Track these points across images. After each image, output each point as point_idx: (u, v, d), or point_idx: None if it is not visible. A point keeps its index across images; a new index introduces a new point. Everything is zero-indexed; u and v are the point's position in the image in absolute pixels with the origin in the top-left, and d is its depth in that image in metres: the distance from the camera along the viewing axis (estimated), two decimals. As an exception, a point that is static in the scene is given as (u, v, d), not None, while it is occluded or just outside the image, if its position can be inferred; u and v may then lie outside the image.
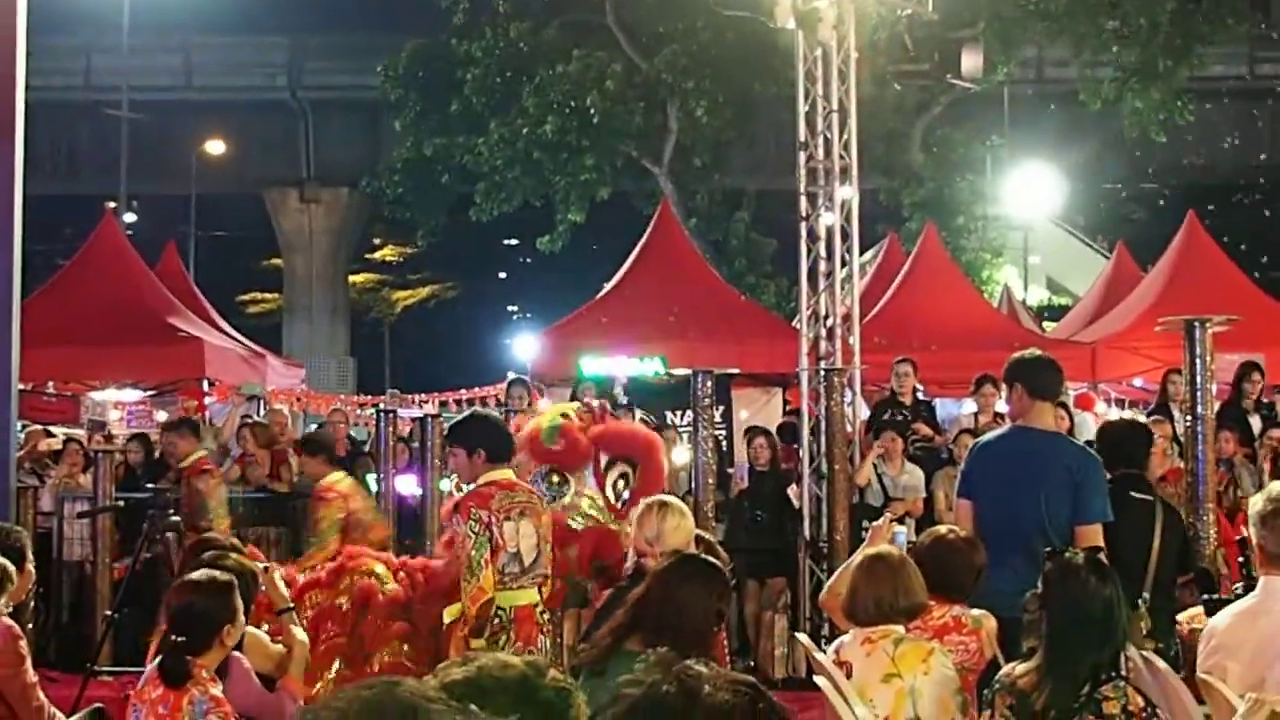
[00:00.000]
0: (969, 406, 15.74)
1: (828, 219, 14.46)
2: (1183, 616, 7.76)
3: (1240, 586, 7.16)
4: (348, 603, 8.59)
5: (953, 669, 6.27)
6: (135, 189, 39.56)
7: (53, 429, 17.31)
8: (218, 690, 6.09)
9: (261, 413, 18.97)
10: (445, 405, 25.51)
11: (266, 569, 7.02)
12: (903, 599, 6.37)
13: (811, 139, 14.47)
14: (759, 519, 14.13)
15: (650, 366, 16.10)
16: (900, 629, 6.35)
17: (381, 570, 8.78)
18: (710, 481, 13.15)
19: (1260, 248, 44.32)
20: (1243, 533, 6.58)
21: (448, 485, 13.04)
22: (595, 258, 34.90)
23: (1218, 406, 12.93)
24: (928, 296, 19.38)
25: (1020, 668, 5.57)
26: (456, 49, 32.12)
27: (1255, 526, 6.09)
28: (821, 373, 13.94)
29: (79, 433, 17.74)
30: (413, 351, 54.34)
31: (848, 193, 14.56)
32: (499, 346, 50.28)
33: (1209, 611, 7.06)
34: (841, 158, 14.45)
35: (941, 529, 7.26)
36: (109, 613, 11.67)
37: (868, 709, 6.11)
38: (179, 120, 39.75)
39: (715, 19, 25.65)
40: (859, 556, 6.81)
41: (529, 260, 53.11)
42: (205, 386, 19.19)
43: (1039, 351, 8.33)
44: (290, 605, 7.08)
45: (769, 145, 33.26)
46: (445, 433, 10.89)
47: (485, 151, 31.43)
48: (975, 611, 6.75)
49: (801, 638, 9.25)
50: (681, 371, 14.81)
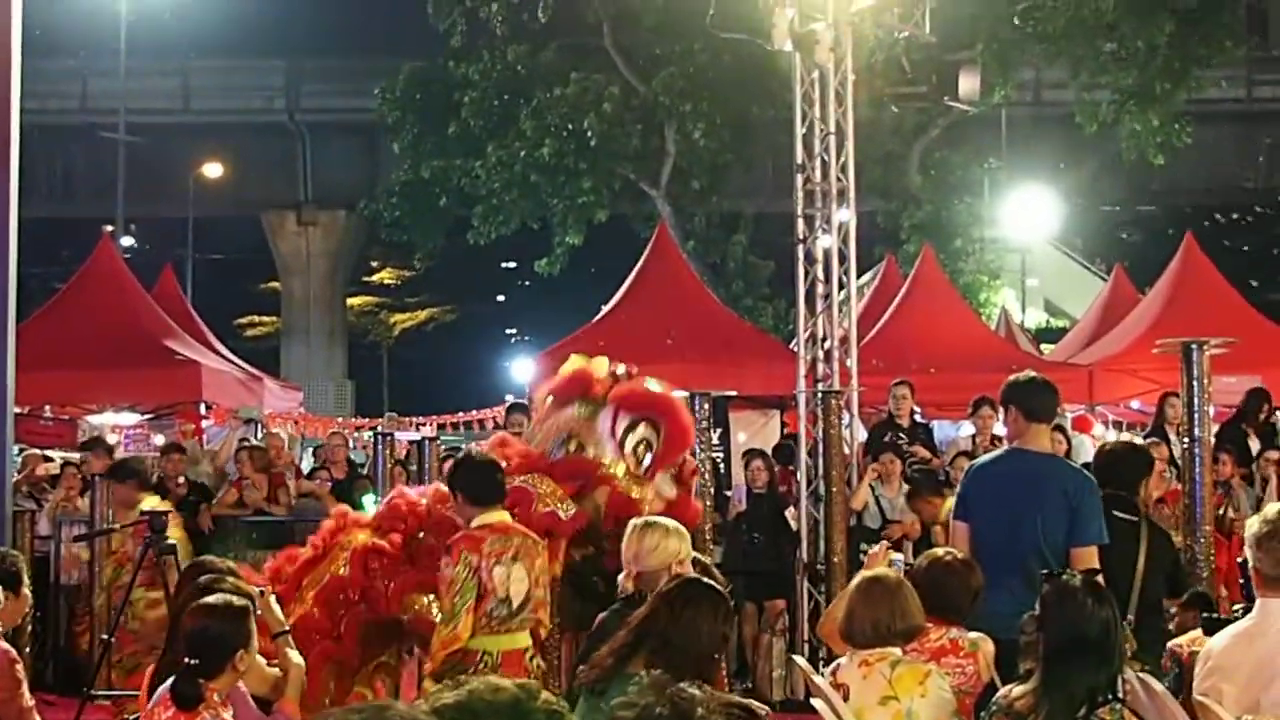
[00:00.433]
0: (966, 429, 15.72)
1: (825, 241, 14.45)
2: (1183, 640, 7.73)
3: (1240, 608, 7.14)
4: (346, 568, 8.42)
5: (950, 691, 6.25)
6: (132, 212, 39.57)
7: (50, 453, 17.28)
8: (228, 715, 6.08)
9: (259, 436, 18.94)
10: (443, 428, 25.52)
11: (263, 593, 6.98)
12: (900, 621, 6.35)
13: (809, 161, 14.47)
14: (756, 541, 14.11)
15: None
16: (897, 651, 6.33)
17: (365, 537, 8.57)
18: (708, 504, 13.12)
19: (1258, 270, 44.30)
20: (1243, 554, 6.57)
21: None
22: (593, 280, 34.91)
23: (1216, 428, 12.95)
24: (925, 319, 19.36)
25: (1017, 690, 5.56)
26: (454, 72, 32.15)
27: (1251, 548, 6.08)
28: (819, 395, 13.93)
29: (76, 456, 17.71)
30: (410, 374, 54.35)
31: (845, 215, 14.56)
32: (497, 369, 50.39)
33: (1208, 633, 7.04)
34: (839, 180, 14.45)
35: (939, 551, 7.25)
36: (106, 636, 11.65)
37: (865, 732, 6.09)
38: (176, 143, 39.72)
39: (712, 42, 25.62)
40: (856, 579, 6.80)
41: (527, 283, 53.21)
42: (202, 410, 19.19)
43: (1034, 374, 8.32)
44: (286, 629, 7.04)
45: (766, 168, 33.28)
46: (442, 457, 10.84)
47: (483, 174, 31.44)
48: (973, 634, 6.73)
49: (799, 660, 9.22)
50: (679, 394, 14.78)
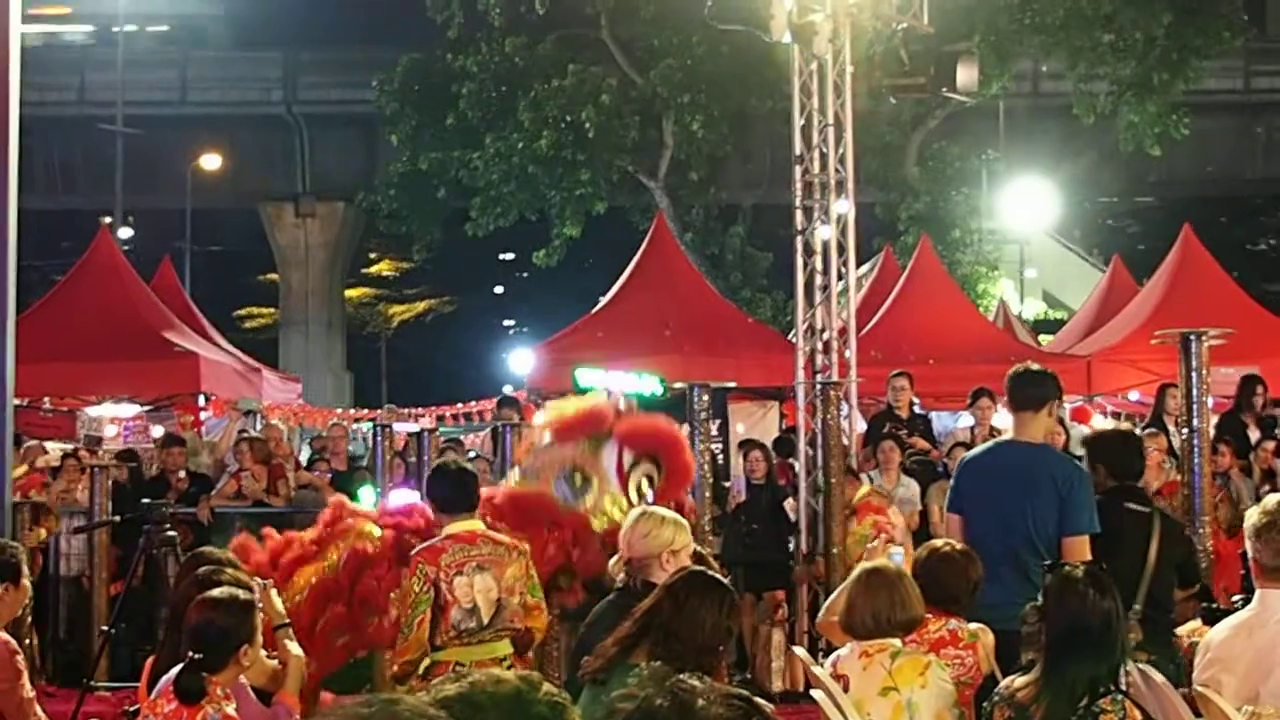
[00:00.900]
0: (965, 420, 15.73)
1: (824, 233, 14.45)
2: (1183, 630, 7.73)
3: (1240, 599, 7.14)
4: (341, 569, 8.32)
5: (950, 682, 6.27)
6: (131, 204, 39.52)
7: (48, 444, 17.27)
8: (231, 709, 6.06)
9: (258, 428, 18.94)
10: (442, 420, 25.52)
11: (264, 585, 6.97)
12: (900, 612, 6.36)
13: (807, 153, 14.47)
14: (755, 532, 14.11)
15: (646, 384, 16.02)
16: (898, 642, 6.34)
17: (369, 527, 8.49)
18: (707, 495, 13.12)
19: (1256, 261, 44.30)
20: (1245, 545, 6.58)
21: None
22: (591, 272, 34.91)
23: (1215, 419, 12.93)
24: (924, 310, 19.36)
25: (1019, 680, 5.57)
26: (452, 63, 32.09)
27: (1250, 539, 6.09)
28: (818, 386, 13.93)
29: (74, 447, 17.70)
30: (409, 366, 54.36)
31: (843, 206, 14.56)
32: (495, 361, 50.38)
33: (1208, 623, 7.05)
34: (837, 171, 14.45)
35: (937, 542, 7.26)
36: (106, 628, 11.66)
37: (865, 723, 6.10)
38: (174, 135, 39.65)
39: (710, 33, 25.58)
40: (857, 570, 6.81)
41: (525, 274, 53.14)
42: (201, 401, 19.18)
43: (1025, 365, 8.32)
44: (287, 621, 7.02)
45: (765, 159, 33.26)
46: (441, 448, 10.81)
47: (481, 166, 31.38)
48: (972, 625, 6.74)
49: (799, 651, 9.23)
50: (678, 385, 14.79)
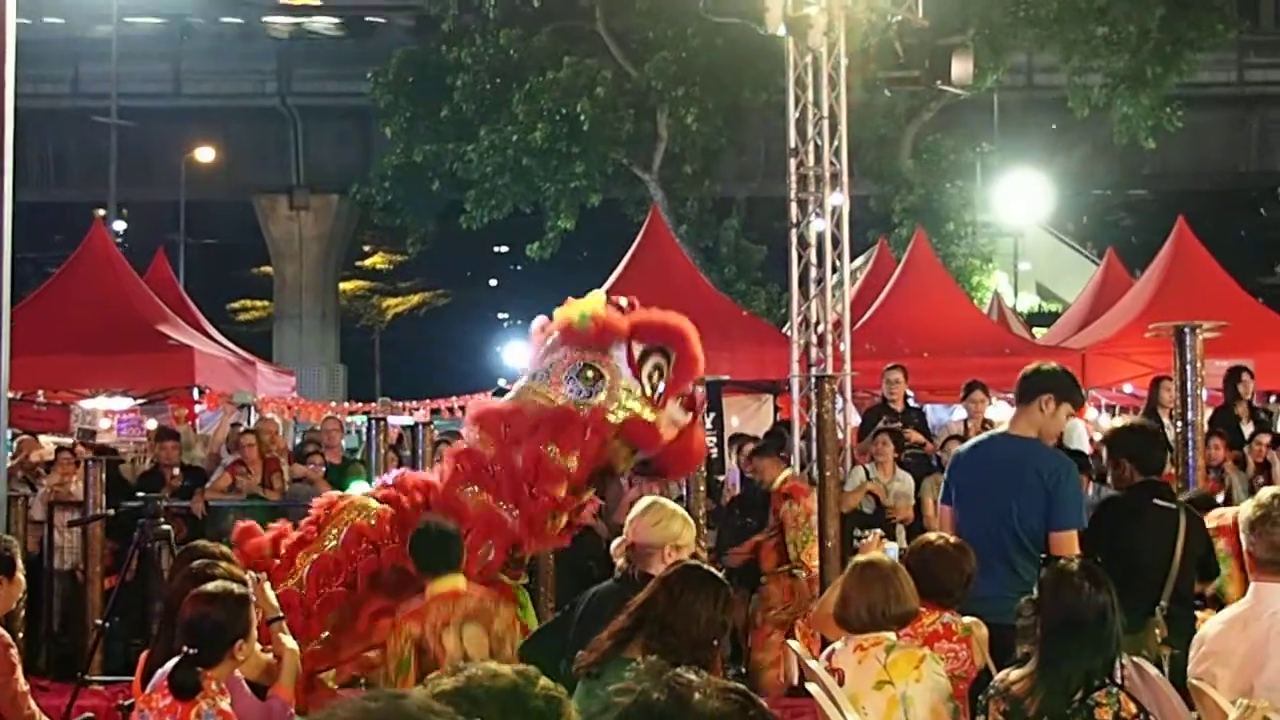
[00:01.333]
0: (959, 413, 15.72)
1: (818, 225, 14.46)
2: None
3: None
4: (340, 546, 8.27)
5: (945, 676, 6.27)
6: (125, 196, 39.49)
7: (42, 438, 17.26)
8: (226, 703, 6.05)
9: (252, 421, 18.92)
10: (436, 413, 25.47)
11: (257, 578, 6.95)
12: (894, 605, 6.36)
13: (802, 145, 14.47)
14: (750, 526, 14.09)
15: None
16: (892, 636, 6.34)
17: (367, 502, 8.33)
18: (701, 489, 13.12)
19: (1251, 254, 44.32)
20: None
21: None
22: (585, 265, 34.79)
23: (1209, 413, 12.94)
24: (918, 303, 19.35)
25: (1014, 674, 5.58)
26: (446, 55, 32.07)
27: (1245, 532, 6.09)
28: (812, 379, 13.92)
29: (69, 441, 17.69)
30: (403, 359, 54.30)
31: (838, 199, 14.56)
32: (490, 354, 50.40)
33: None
34: (832, 164, 14.45)
35: (931, 535, 7.27)
36: (100, 622, 11.66)
37: (860, 716, 6.10)
38: (168, 127, 39.59)
39: (705, 26, 25.56)
40: (851, 564, 6.81)
41: (519, 267, 53.08)
42: (196, 394, 19.16)
43: (1041, 362, 8.32)
44: (280, 615, 7.01)
45: (759, 152, 33.25)
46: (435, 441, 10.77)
47: (475, 158, 31.34)
48: (966, 619, 6.75)
49: (794, 645, 9.23)
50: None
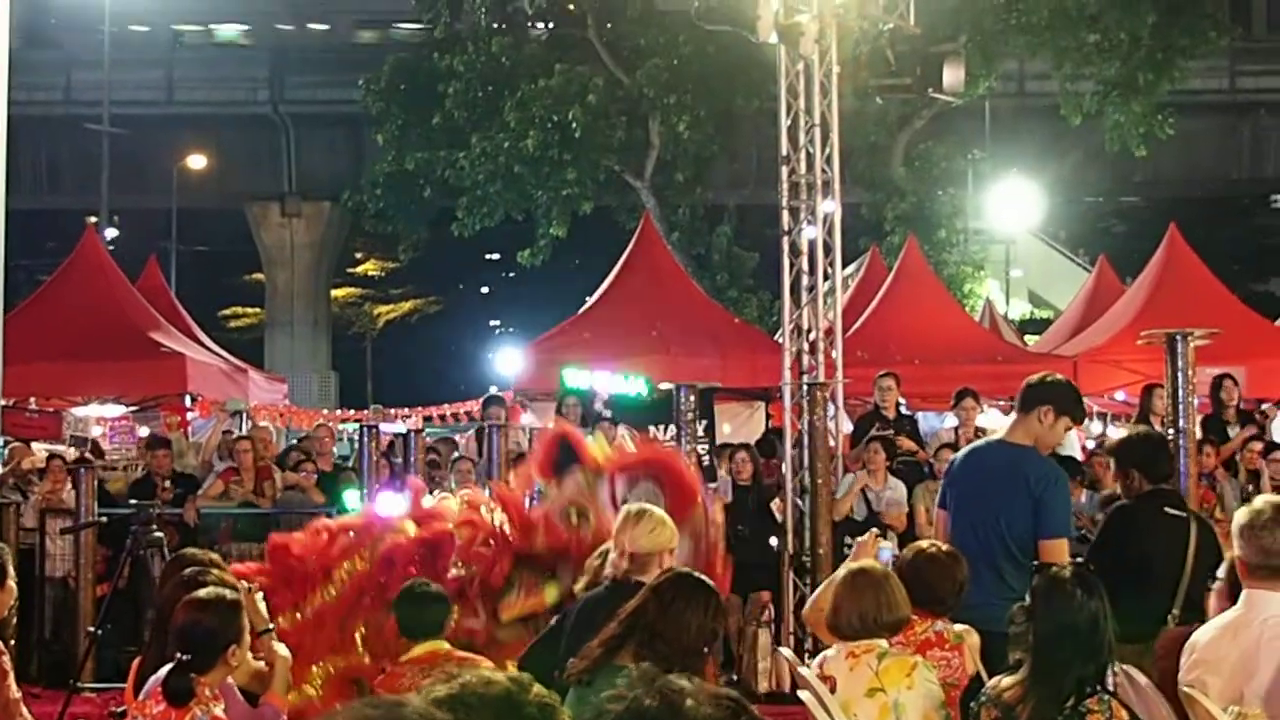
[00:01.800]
0: (951, 421, 15.73)
1: (810, 233, 14.45)
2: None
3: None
4: (375, 564, 8.18)
5: (937, 683, 6.27)
6: (117, 204, 39.43)
7: (34, 445, 17.24)
8: (219, 709, 6.06)
9: (244, 428, 18.90)
10: (428, 420, 25.51)
11: (249, 589, 6.94)
12: (886, 613, 6.37)
13: (794, 153, 14.47)
14: (741, 533, 14.09)
15: (632, 385, 15.99)
16: (884, 643, 6.35)
17: (406, 524, 8.38)
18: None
19: (1242, 261, 44.37)
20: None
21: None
22: (577, 272, 34.88)
23: (1201, 419, 12.95)
24: (910, 310, 19.36)
25: (1006, 680, 5.58)
26: (438, 63, 32.07)
27: (1236, 539, 6.10)
28: (804, 387, 13.91)
29: (61, 448, 17.67)
30: (395, 366, 54.26)
31: (830, 206, 14.56)
32: (481, 361, 50.32)
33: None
34: (824, 171, 14.45)
35: (923, 543, 7.27)
36: (92, 629, 11.65)
37: (851, 723, 6.11)
38: (160, 135, 39.62)
39: (697, 33, 25.55)
40: (842, 571, 6.81)
41: (511, 274, 53.11)
42: (188, 402, 19.14)
43: (1046, 373, 8.30)
44: (270, 627, 7.00)
45: (751, 159, 33.28)
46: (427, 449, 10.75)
47: (467, 165, 31.32)
48: (958, 626, 6.75)
49: (785, 652, 9.24)
50: (664, 386, 14.79)
